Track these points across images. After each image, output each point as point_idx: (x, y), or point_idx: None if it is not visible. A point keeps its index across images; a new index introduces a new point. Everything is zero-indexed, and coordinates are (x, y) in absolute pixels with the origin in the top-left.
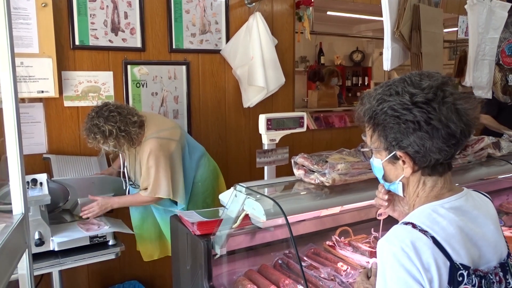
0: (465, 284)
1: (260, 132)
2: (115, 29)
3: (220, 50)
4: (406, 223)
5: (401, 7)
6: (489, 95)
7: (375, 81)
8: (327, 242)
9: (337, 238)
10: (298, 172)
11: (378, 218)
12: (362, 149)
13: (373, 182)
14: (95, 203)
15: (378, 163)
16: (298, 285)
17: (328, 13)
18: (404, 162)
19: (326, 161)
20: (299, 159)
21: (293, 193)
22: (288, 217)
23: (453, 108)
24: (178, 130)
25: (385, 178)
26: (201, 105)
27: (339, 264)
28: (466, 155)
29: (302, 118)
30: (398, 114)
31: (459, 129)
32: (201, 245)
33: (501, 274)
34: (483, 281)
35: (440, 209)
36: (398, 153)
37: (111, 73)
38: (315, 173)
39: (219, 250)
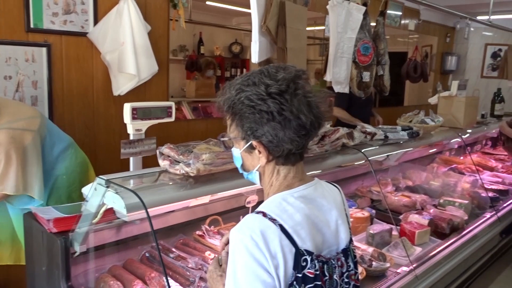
0: (308, 268)
1: (125, 121)
2: None
3: (87, 33)
4: (258, 212)
5: (268, 2)
6: (346, 90)
7: None
8: (197, 232)
9: (207, 227)
10: (164, 163)
11: (247, 206)
12: (222, 139)
13: (237, 172)
14: None
15: (237, 153)
16: (164, 277)
17: (208, 2)
18: (259, 151)
19: (192, 151)
20: (165, 149)
21: (157, 185)
22: (152, 209)
23: (304, 100)
24: (37, 120)
25: (243, 167)
26: (65, 91)
27: (207, 253)
28: (323, 145)
29: (170, 107)
30: (253, 104)
31: (309, 120)
32: (57, 243)
33: (343, 259)
34: (325, 266)
35: (290, 198)
36: (253, 143)
37: None
38: (180, 164)
39: (78, 248)
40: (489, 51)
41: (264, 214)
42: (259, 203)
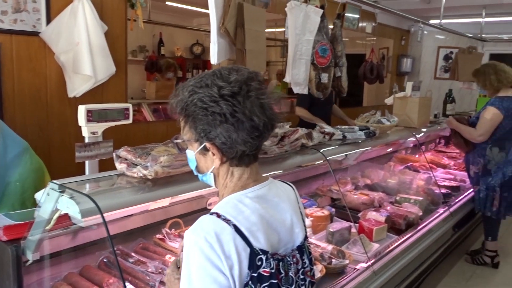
0: (264, 267)
1: (80, 124)
2: None
3: (40, 32)
4: (212, 213)
5: (226, 4)
6: (305, 91)
7: None
8: (157, 236)
9: (167, 230)
10: (120, 166)
11: (209, 208)
12: (175, 141)
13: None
14: None
15: (191, 155)
16: (122, 283)
17: (167, 3)
18: (213, 153)
19: (150, 154)
20: (122, 152)
21: (113, 189)
22: (109, 214)
23: (257, 102)
24: None
25: (198, 169)
26: (16, 92)
27: (167, 257)
28: (283, 145)
29: (127, 109)
30: (206, 106)
31: (262, 122)
32: (8, 252)
33: (298, 255)
34: (280, 263)
35: (244, 199)
36: (207, 145)
37: None
38: (138, 167)
39: (31, 256)
40: (442, 53)
41: (218, 215)
42: None
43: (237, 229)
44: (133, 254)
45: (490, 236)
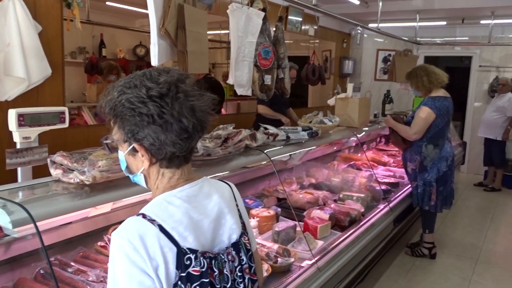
0: (193, 266)
1: (11, 129)
2: None
3: None
4: (138, 214)
5: (166, 5)
6: (249, 92)
7: None
8: (99, 243)
9: (110, 237)
10: (56, 172)
11: None
12: (105, 141)
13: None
14: None
15: (121, 156)
16: None
17: (108, 3)
18: (142, 154)
19: (87, 159)
20: (57, 157)
21: (48, 196)
22: (44, 222)
23: (187, 104)
24: None
25: (128, 170)
26: None
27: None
28: (227, 147)
29: (63, 113)
30: (134, 107)
31: (191, 124)
32: None
33: (233, 253)
34: (213, 261)
35: (172, 198)
36: (135, 145)
37: None
38: (74, 172)
39: None
40: (381, 56)
41: (144, 216)
42: None
43: (162, 229)
44: (72, 263)
45: (428, 229)
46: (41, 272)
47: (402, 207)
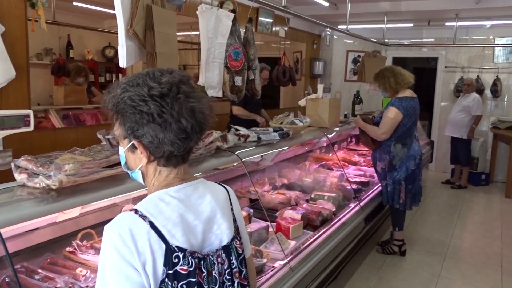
0: (181, 265)
1: None
2: None
3: None
4: (131, 210)
5: (134, 5)
6: (220, 94)
7: None
8: (67, 249)
9: (78, 242)
10: (20, 177)
11: None
12: (106, 136)
13: (108, 181)
14: None
15: (121, 151)
16: None
17: (74, 3)
18: (140, 151)
19: (53, 162)
20: (22, 162)
21: (12, 201)
22: (7, 229)
23: (186, 104)
24: None
25: (127, 165)
26: None
27: (78, 270)
28: (198, 148)
29: (27, 116)
30: (135, 105)
31: (189, 125)
32: None
33: (223, 255)
34: (202, 262)
35: (165, 196)
36: (134, 142)
37: None
38: (40, 176)
39: None
40: (350, 57)
41: (136, 211)
42: None
43: (153, 226)
44: (39, 270)
45: (397, 227)
46: (7, 280)
47: (373, 205)
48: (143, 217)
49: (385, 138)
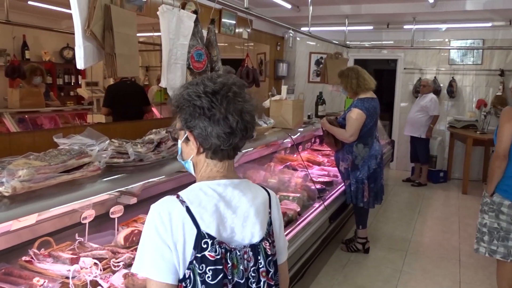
0: (209, 251)
1: None
2: None
3: None
4: (175, 195)
5: (91, 5)
6: None
7: (88, 80)
8: (23, 258)
9: (35, 251)
10: None
11: (83, 222)
12: (168, 129)
13: (65, 186)
14: None
15: (179, 143)
16: None
17: (30, 3)
18: (192, 142)
19: (5, 168)
20: None
21: None
22: None
23: (234, 103)
24: None
25: (182, 156)
26: None
27: (35, 280)
28: (160, 151)
29: None
30: (190, 99)
31: (235, 121)
32: None
33: (251, 253)
34: (228, 253)
35: (206, 188)
36: (187, 133)
37: None
38: None
39: None
40: (313, 58)
41: (178, 196)
42: (97, 218)
43: (188, 211)
44: None
45: (361, 225)
46: None
47: (337, 205)
48: (182, 202)
49: (354, 140)
